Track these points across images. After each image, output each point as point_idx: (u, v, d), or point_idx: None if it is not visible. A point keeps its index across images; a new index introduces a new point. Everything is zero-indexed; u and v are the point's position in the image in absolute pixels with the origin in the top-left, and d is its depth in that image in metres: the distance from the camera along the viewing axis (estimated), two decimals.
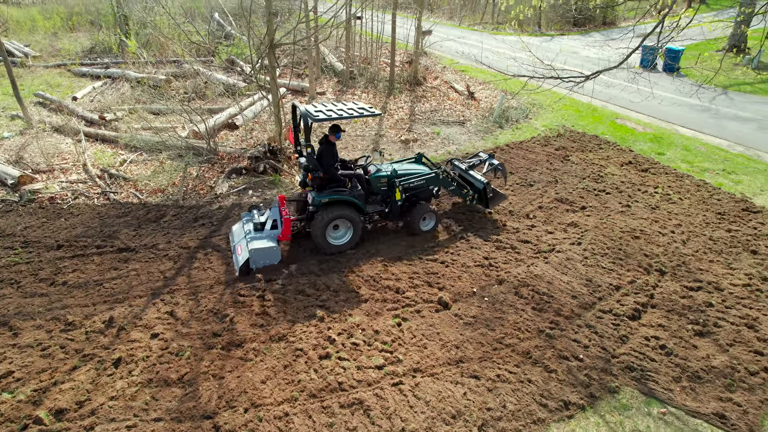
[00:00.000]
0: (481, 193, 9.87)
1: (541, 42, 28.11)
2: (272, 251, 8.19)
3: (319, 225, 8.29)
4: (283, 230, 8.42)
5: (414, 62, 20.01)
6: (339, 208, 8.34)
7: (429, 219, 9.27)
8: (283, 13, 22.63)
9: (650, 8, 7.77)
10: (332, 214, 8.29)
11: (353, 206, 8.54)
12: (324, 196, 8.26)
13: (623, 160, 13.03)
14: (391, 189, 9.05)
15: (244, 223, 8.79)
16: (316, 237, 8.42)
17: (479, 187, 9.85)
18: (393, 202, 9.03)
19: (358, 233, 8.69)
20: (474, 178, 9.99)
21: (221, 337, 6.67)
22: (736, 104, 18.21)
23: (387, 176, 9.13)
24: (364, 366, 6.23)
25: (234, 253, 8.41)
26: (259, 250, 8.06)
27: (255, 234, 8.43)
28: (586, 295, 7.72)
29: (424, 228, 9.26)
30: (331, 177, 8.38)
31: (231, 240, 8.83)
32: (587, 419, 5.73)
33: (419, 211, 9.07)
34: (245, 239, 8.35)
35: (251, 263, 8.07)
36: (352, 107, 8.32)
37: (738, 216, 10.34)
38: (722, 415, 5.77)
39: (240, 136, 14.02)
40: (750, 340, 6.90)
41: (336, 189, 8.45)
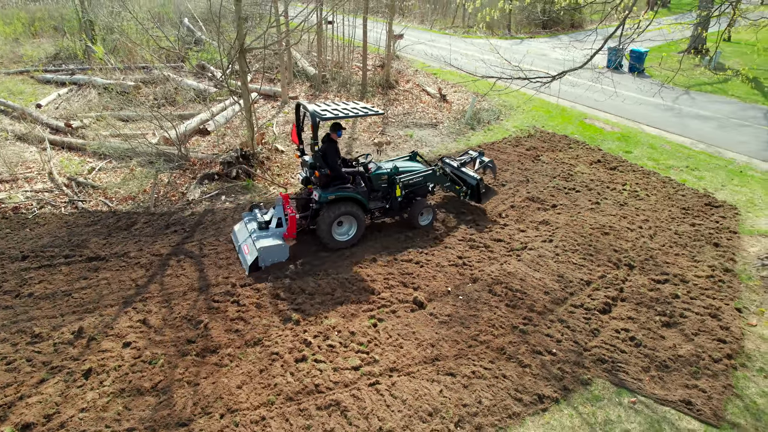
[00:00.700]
0: (474, 189, 10.22)
1: (510, 45, 28.59)
2: (280, 249, 8.34)
3: (325, 222, 8.47)
4: (288, 228, 8.55)
5: (386, 66, 20.13)
6: (344, 205, 8.53)
7: (426, 214, 9.61)
8: (254, 18, 22.52)
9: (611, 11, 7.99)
10: (338, 211, 8.49)
11: (357, 203, 8.76)
12: (330, 193, 8.44)
13: (592, 159, 13.34)
14: (392, 186, 9.33)
15: (247, 223, 8.88)
16: (322, 233, 8.57)
17: (472, 183, 10.22)
18: (393, 199, 9.33)
19: (362, 229, 8.92)
20: (467, 175, 10.37)
21: (195, 344, 6.59)
22: (698, 104, 18.84)
23: (388, 173, 9.39)
24: (340, 367, 6.24)
25: (240, 253, 8.51)
26: (268, 248, 8.19)
27: (260, 233, 8.53)
28: (558, 290, 7.87)
29: (422, 223, 9.58)
30: (336, 174, 8.52)
31: (234, 240, 8.90)
32: (561, 411, 5.85)
33: (418, 207, 9.42)
34: (251, 238, 8.46)
35: (260, 261, 8.18)
36: (355, 106, 8.58)
37: (701, 211, 10.69)
38: (688, 401, 5.96)
39: (212, 141, 13.87)
40: (713, 329, 7.14)
41: (341, 186, 8.61)
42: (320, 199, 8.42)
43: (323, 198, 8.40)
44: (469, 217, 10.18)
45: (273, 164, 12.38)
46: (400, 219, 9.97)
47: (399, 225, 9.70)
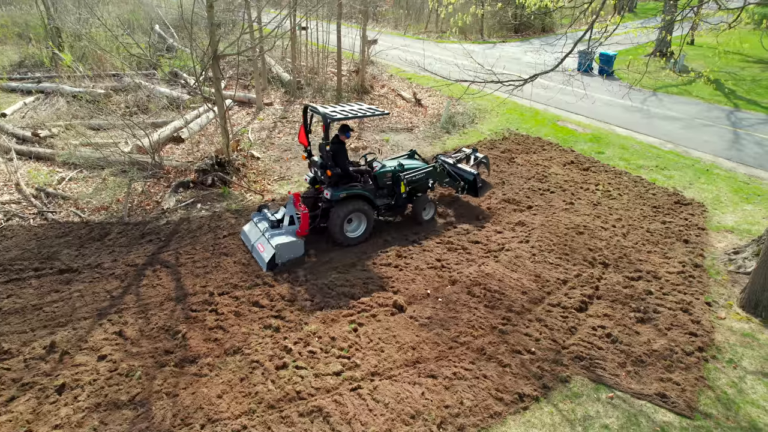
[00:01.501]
0: (471, 184, 10.62)
1: (483, 49, 28.96)
2: (296, 245, 8.57)
3: (337, 219, 8.75)
4: (301, 225, 8.69)
5: (360, 71, 20.18)
6: (354, 203, 8.88)
7: (429, 209, 10.03)
8: (227, 24, 22.34)
9: (580, 15, 8.19)
10: (349, 208, 8.81)
11: (367, 200, 9.10)
12: (341, 191, 8.75)
13: (566, 160, 13.60)
14: (396, 183, 9.69)
15: (257, 223, 9.07)
16: (334, 231, 8.86)
17: (469, 178, 10.64)
18: (398, 195, 9.73)
19: (371, 225, 9.24)
20: (464, 171, 10.77)
21: (174, 354, 6.48)
22: (665, 105, 19.39)
23: (392, 171, 9.71)
24: (321, 373, 6.21)
25: (254, 252, 8.70)
26: (284, 244, 8.39)
27: (274, 231, 8.72)
28: (535, 290, 7.99)
29: (426, 217, 9.99)
30: (346, 173, 8.85)
31: (245, 240, 9.08)
32: (541, 409, 5.93)
33: (420, 202, 9.87)
34: (264, 237, 8.64)
35: (277, 258, 8.34)
36: (361, 108, 8.93)
37: (671, 209, 10.99)
38: (663, 394, 6.10)
39: (186, 149, 13.69)
40: (685, 323, 7.34)
41: (351, 184, 8.94)
42: (332, 198, 8.68)
43: (335, 196, 8.68)
44: (447, 219, 10.26)
45: (249, 171, 12.29)
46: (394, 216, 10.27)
47: (377, 230, 9.70)
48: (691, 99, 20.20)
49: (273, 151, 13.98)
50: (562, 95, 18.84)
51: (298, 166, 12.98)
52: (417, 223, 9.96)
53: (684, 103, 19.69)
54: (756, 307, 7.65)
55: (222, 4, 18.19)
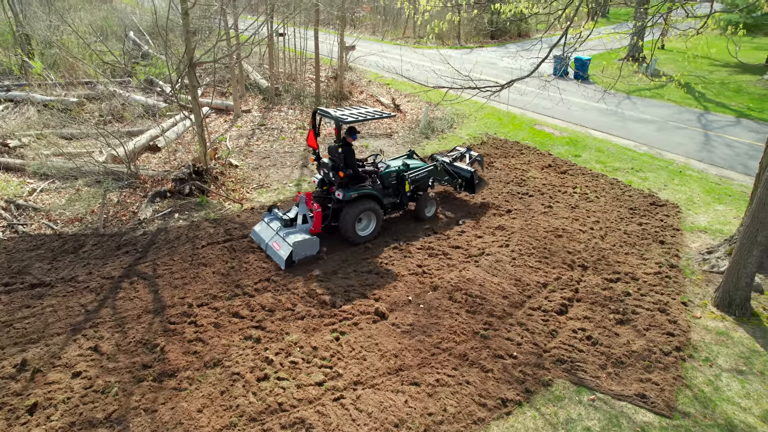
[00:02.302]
0: (469, 181, 11.18)
1: (461, 54, 29.22)
2: (312, 242, 8.83)
3: (349, 218, 9.05)
4: (314, 223, 9.02)
5: (339, 77, 20.17)
6: (365, 202, 9.22)
7: (431, 206, 10.52)
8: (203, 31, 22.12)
9: (554, 21, 8.32)
10: (360, 207, 9.13)
11: (376, 199, 9.46)
12: (353, 191, 9.04)
13: (543, 164, 13.76)
14: (400, 182, 10.08)
15: (269, 223, 9.30)
16: (346, 230, 9.15)
17: (466, 176, 11.19)
18: (403, 194, 10.11)
19: (380, 223, 9.63)
20: (461, 169, 11.29)
21: (152, 369, 6.34)
22: (638, 108, 19.80)
23: (396, 171, 10.13)
24: (304, 384, 6.14)
25: (269, 250, 8.91)
26: (301, 242, 8.63)
27: (287, 229, 8.96)
28: (516, 294, 8.04)
29: (428, 214, 10.48)
30: (356, 174, 9.20)
31: (258, 240, 9.26)
32: (524, 414, 5.95)
33: (423, 201, 10.34)
34: (278, 235, 8.88)
35: (294, 255, 8.57)
36: (369, 111, 9.34)
37: (647, 210, 11.19)
38: (643, 395, 6.19)
39: (163, 158, 13.49)
40: (663, 323, 7.47)
41: (360, 185, 9.28)
42: (344, 198, 8.96)
43: (347, 196, 8.95)
44: (427, 225, 10.28)
45: (227, 179, 12.15)
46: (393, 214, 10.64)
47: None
48: (663, 102, 20.66)
49: (251, 158, 13.86)
50: (539, 99, 19.10)
51: (276, 174, 12.89)
52: (419, 219, 10.43)
53: (657, 106, 20.13)
54: (729, 305, 7.81)
55: (198, 11, 18.00)
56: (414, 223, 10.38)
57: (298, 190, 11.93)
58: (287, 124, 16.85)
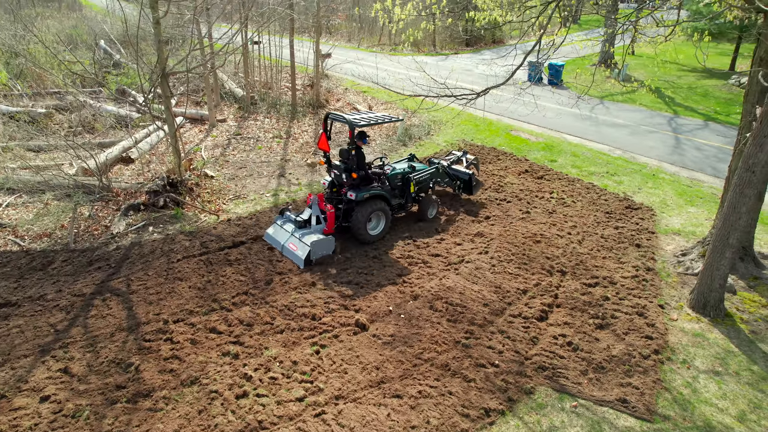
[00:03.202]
0: (467, 183, 11.64)
1: (437, 61, 29.42)
2: (328, 242, 9.17)
3: (361, 218, 9.38)
4: (328, 224, 9.40)
5: (315, 85, 20.09)
6: (375, 203, 9.58)
7: (433, 208, 10.91)
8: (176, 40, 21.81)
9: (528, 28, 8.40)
10: (371, 208, 9.48)
11: (385, 200, 9.84)
12: (365, 192, 9.40)
13: (520, 169, 13.87)
14: (405, 184, 10.53)
15: (282, 225, 9.64)
16: (358, 229, 9.47)
17: (465, 178, 11.63)
18: (408, 195, 10.59)
19: (389, 223, 10.01)
20: (460, 171, 11.75)
21: (126, 389, 6.13)
22: (612, 112, 20.17)
23: (402, 173, 10.58)
24: (284, 400, 6.01)
25: (285, 251, 9.22)
26: (318, 242, 8.95)
27: (302, 230, 9.30)
28: (496, 301, 8.04)
29: (430, 216, 10.89)
30: (366, 175, 9.61)
31: (273, 242, 9.59)
32: (507, 423, 5.92)
33: (426, 202, 10.81)
34: (294, 236, 9.21)
35: (312, 255, 8.87)
36: (376, 115, 9.82)
37: (623, 214, 11.35)
38: (624, 400, 6.22)
39: (136, 170, 13.20)
40: (641, 326, 7.54)
41: (371, 186, 9.67)
42: (357, 198, 9.29)
43: (359, 197, 9.29)
44: (406, 234, 10.25)
45: (203, 190, 11.94)
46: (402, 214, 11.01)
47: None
48: (635, 106, 21.09)
49: (227, 169, 13.66)
50: (514, 105, 19.30)
51: (253, 184, 12.72)
52: (422, 220, 10.83)
53: (629, 110, 20.53)
54: (704, 307, 7.94)
55: (170, 20, 17.73)
56: (392, 230, 10.32)
57: (276, 200, 11.79)
58: (264, 133, 16.69)
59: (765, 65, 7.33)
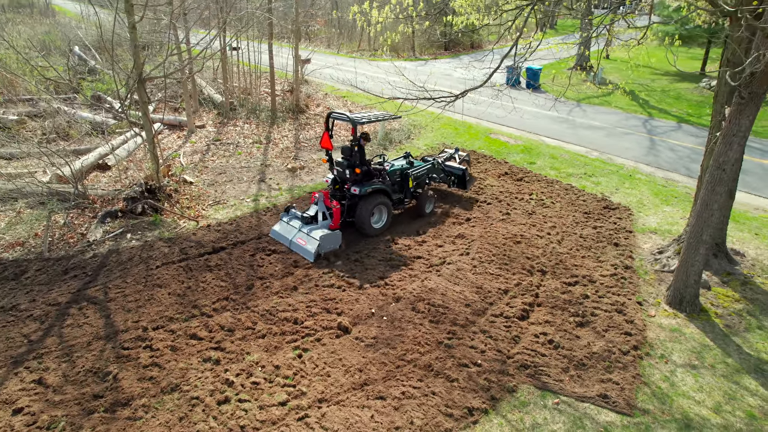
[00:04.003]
0: (461, 178, 12.11)
1: (416, 66, 29.59)
2: (336, 236, 9.57)
3: (365, 212, 9.81)
4: (334, 219, 9.77)
5: (295, 90, 20.04)
6: (378, 197, 10.02)
7: (430, 203, 11.28)
8: (153, 46, 21.58)
9: (505, 32, 8.52)
10: (375, 202, 9.92)
11: (387, 194, 10.29)
12: (367, 186, 9.83)
13: (500, 172, 14.01)
14: (404, 179, 10.98)
15: (288, 222, 9.95)
16: (363, 223, 9.88)
17: (459, 173, 12.12)
18: (407, 190, 11.04)
19: (391, 217, 10.46)
20: (454, 167, 12.23)
21: (104, 398, 6.01)
22: (588, 115, 20.52)
23: (401, 169, 11.07)
24: (266, 404, 5.95)
25: (294, 247, 9.55)
26: (326, 236, 9.33)
27: (310, 226, 9.67)
28: (478, 302, 8.09)
29: (427, 210, 11.25)
30: (369, 171, 10.06)
31: (280, 239, 9.88)
32: (491, 421, 5.95)
33: (423, 198, 11.14)
34: (301, 232, 9.57)
35: (320, 249, 9.23)
36: (376, 113, 10.33)
37: (601, 214, 11.54)
38: (605, 395, 6.30)
39: (113, 176, 12.99)
40: (620, 323, 7.66)
41: (373, 181, 10.07)
42: (360, 193, 9.71)
43: (363, 191, 9.72)
44: (386, 236, 10.26)
45: (182, 197, 11.79)
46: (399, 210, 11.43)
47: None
48: (611, 109, 21.49)
49: (207, 174, 13.52)
50: (493, 109, 19.52)
51: (233, 189, 12.61)
52: (419, 215, 11.16)
53: (605, 113, 20.91)
54: (680, 303, 8.10)
55: (146, 25, 17.55)
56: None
57: (256, 205, 11.71)
58: (243, 139, 16.57)
59: (732, 66, 7.55)
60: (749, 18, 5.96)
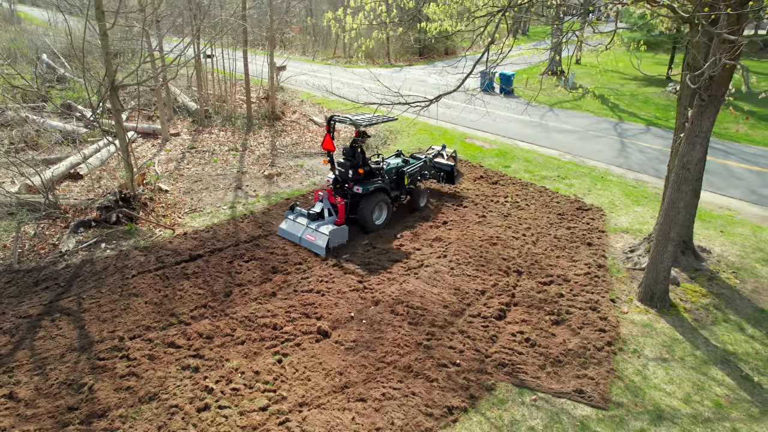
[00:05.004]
0: (449, 174, 12.81)
1: (391, 72, 29.84)
2: (343, 231, 10.12)
3: (368, 209, 10.35)
4: (339, 215, 10.30)
5: (270, 98, 20.01)
6: (379, 195, 10.60)
7: (423, 197, 11.98)
8: (125, 53, 21.30)
9: (477, 38, 8.70)
10: (376, 200, 10.49)
11: (386, 192, 10.88)
12: (370, 185, 10.36)
13: (476, 175, 14.22)
14: (400, 177, 11.51)
15: (295, 220, 10.35)
16: (366, 219, 10.40)
17: (448, 169, 12.83)
18: (402, 187, 11.61)
19: (390, 213, 11.08)
20: (442, 164, 12.89)
21: (79, 411, 5.90)
22: (561, 119, 20.96)
23: (396, 168, 11.64)
24: (247, 410, 5.94)
25: (303, 242, 10.00)
26: (335, 231, 9.84)
27: (317, 222, 10.11)
28: (456, 303, 8.20)
29: (421, 204, 11.95)
30: (370, 170, 10.65)
31: (288, 236, 10.28)
32: (470, 420, 6.04)
33: (417, 193, 11.81)
34: (309, 228, 10.01)
35: (330, 243, 9.73)
36: (374, 116, 10.69)
37: (574, 215, 11.80)
38: (581, 390, 6.46)
39: (86, 186, 12.76)
40: (594, 320, 7.86)
41: (373, 180, 10.62)
42: (363, 191, 10.23)
43: (366, 190, 10.25)
44: (365, 241, 10.32)
45: (157, 205, 11.65)
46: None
47: (296, 256, 9.56)
48: (582, 113, 22.00)
49: (182, 182, 13.40)
50: (466, 113, 19.80)
51: (209, 197, 12.52)
52: (414, 209, 11.83)
53: (577, 116, 21.40)
54: (651, 299, 8.36)
55: (118, 32, 17.33)
56: (350, 239, 10.37)
57: (233, 213, 11.64)
58: (219, 146, 16.47)
59: (692, 70, 7.87)
60: (705, 25, 6.24)
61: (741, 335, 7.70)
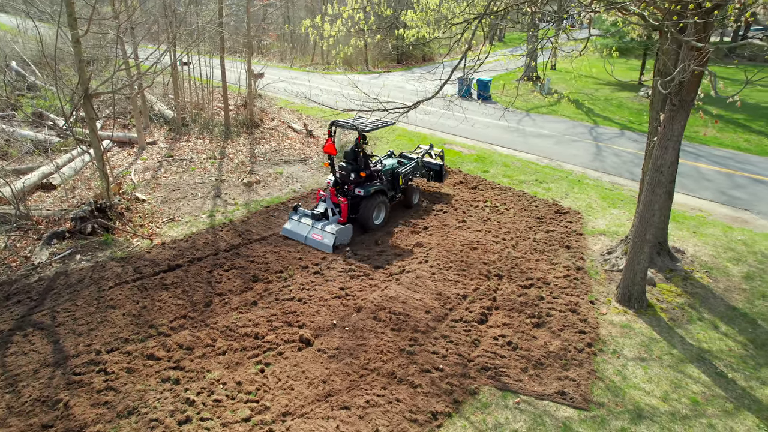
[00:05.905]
0: (438, 173, 13.43)
1: (369, 79, 29.92)
2: (347, 229, 10.52)
3: (369, 210, 10.79)
4: (342, 215, 10.66)
5: (248, 105, 19.88)
6: (378, 196, 11.02)
7: (416, 195, 12.54)
8: (99, 61, 20.96)
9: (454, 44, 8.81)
10: (376, 201, 10.91)
11: (385, 193, 11.30)
12: (370, 187, 10.79)
13: (455, 181, 14.33)
14: (395, 177, 12.02)
15: (298, 220, 10.73)
16: (367, 220, 10.84)
17: (436, 168, 13.43)
18: (397, 187, 12.13)
19: (388, 212, 11.50)
20: (431, 163, 13.45)
21: (54, 428, 5.77)
22: (537, 124, 21.27)
23: (391, 168, 12.18)
24: (229, 422, 5.86)
25: (309, 242, 10.35)
26: (341, 229, 10.26)
27: (321, 222, 10.52)
28: (438, 308, 8.23)
29: (414, 202, 12.49)
30: (370, 173, 11.14)
31: (294, 236, 10.62)
32: (455, 424, 6.06)
33: (410, 191, 12.36)
34: (314, 228, 10.41)
35: (336, 241, 10.13)
36: (374, 121, 11.17)
37: (552, 218, 11.97)
38: (563, 392, 6.54)
39: (59, 196, 12.48)
40: (575, 322, 7.97)
41: (373, 182, 11.08)
42: (365, 193, 10.66)
43: (367, 192, 10.68)
44: (346, 248, 10.30)
45: (134, 215, 11.46)
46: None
47: (279, 263, 9.49)
48: (558, 117, 22.36)
49: (160, 191, 13.20)
50: (445, 119, 19.95)
51: (188, 206, 12.36)
52: (408, 207, 12.39)
53: (553, 121, 21.74)
54: (629, 300, 8.51)
55: (91, 40, 17.03)
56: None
57: (212, 221, 11.51)
58: (197, 155, 16.28)
59: (663, 76, 8.08)
60: (674, 32, 6.42)
61: (715, 333, 7.89)
